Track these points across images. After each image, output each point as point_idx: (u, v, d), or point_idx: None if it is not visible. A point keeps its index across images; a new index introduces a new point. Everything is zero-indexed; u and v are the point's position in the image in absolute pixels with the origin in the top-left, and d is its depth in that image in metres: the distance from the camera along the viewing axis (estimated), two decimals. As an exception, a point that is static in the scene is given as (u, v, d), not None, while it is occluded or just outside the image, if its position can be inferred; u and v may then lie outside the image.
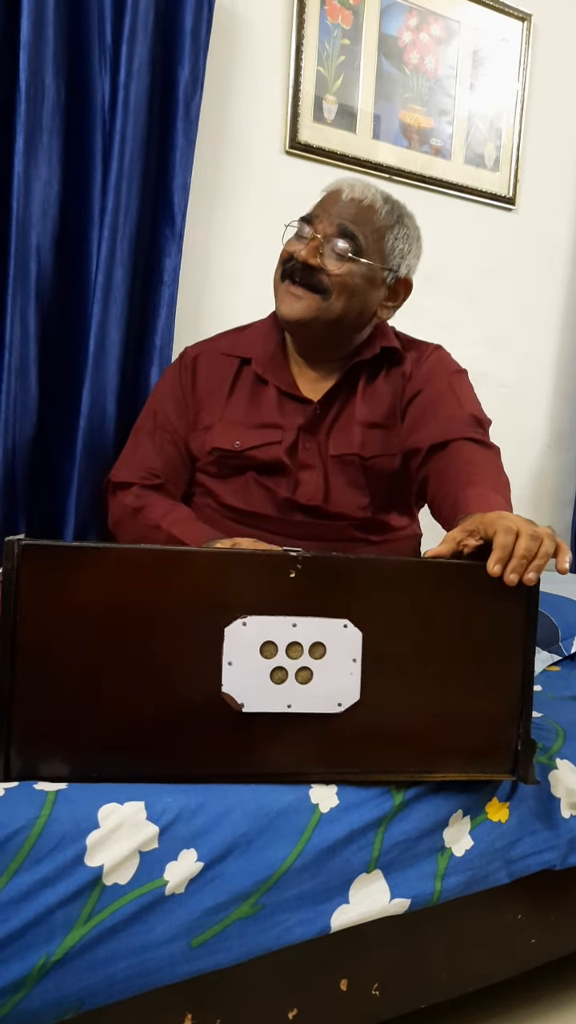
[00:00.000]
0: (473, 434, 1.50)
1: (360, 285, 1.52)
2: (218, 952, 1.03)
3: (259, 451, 1.56)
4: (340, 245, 1.49)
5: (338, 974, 1.16)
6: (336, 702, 1.07)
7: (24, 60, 1.63)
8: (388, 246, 1.55)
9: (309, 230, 1.51)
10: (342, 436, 1.58)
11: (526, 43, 2.49)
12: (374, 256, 1.52)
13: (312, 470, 1.57)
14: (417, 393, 1.58)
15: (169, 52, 1.85)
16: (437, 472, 1.47)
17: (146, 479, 1.59)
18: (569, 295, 2.72)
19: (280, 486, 1.56)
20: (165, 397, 1.66)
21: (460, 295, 2.50)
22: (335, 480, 1.57)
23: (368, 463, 1.57)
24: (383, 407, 1.59)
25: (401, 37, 2.29)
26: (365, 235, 1.51)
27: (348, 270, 1.50)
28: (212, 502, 1.60)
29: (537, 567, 1.07)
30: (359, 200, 1.52)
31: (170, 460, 1.62)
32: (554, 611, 1.84)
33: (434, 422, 1.53)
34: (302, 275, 1.50)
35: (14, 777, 1.01)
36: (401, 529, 1.65)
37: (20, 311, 1.69)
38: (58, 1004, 0.95)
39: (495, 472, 1.44)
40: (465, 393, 1.59)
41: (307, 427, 1.57)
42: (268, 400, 1.59)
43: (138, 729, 1.04)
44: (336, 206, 1.51)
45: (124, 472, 1.62)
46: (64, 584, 1.01)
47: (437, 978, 1.24)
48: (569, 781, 1.28)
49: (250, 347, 1.63)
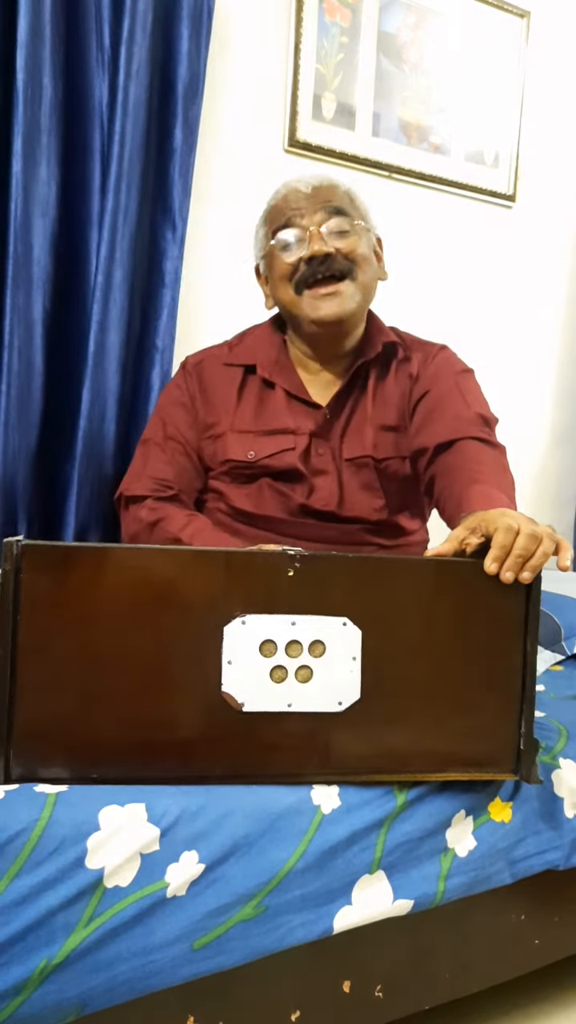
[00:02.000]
0: (479, 433, 1.49)
1: (368, 253, 1.54)
2: (220, 954, 1.02)
3: (273, 459, 1.54)
4: (337, 223, 1.50)
5: (341, 976, 1.15)
6: (336, 701, 1.07)
7: (21, 60, 1.63)
8: (361, 209, 1.56)
9: (298, 231, 1.50)
10: (355, 439, 1.57)
11: (525, 40, 2.48)
12: (360, 220, 1.54)
13: (327, 475, 1.56)
14: (424, 394, 1.57)
15: (168, 53, 1.85)
16: (443, 471, 1.47)
17: (159, 491, 1.57)
18: (569, 291, 2.71)
19: (295, 492, 1.55)
20: (173, 406, 1.63)
21: (460, 292, 2.49)
22: (349, 484, 1.56)
23: (381, 465, 1.56)
24: (394, 409, 1.58)
25: (400, 34, 2.29)
26: (346, 206, 1.52)
27: (355, 242, 1.51)
28: (224, 506, 1.59)
29: (534, 566, 1.06)
30: (318, 185, 1.53)
31: (183, 470, 1.60)
32: (557, 610, 1.84)
33: (441, 422, 1.52)
34: (325, 269, 1.48)
35: (14, 779, 1.00)
36: (412, 533, 1.65)
37: (19, 312, 1.69)
38: (59, 1007, 0.95)
39: (500, 471, 1.44)
40: (472, 392, 1.59)
41: (319, 432, 1.56)
42: (277, 404, 1.58)
43: (138, 730, 1.03)
44: (305, 199, 1.51)
45: (136, 485, 1.58)
46: (63, 585, 1.01)
47: (440, 979, 1.24)
48: (572, 781, 1.27)
49: (252, 354, 1.62)
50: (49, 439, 1.78)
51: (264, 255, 1.57)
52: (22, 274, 1.69)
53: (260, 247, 1.58)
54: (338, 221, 1.49)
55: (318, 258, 1.48)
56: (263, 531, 1.54)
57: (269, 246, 1.53)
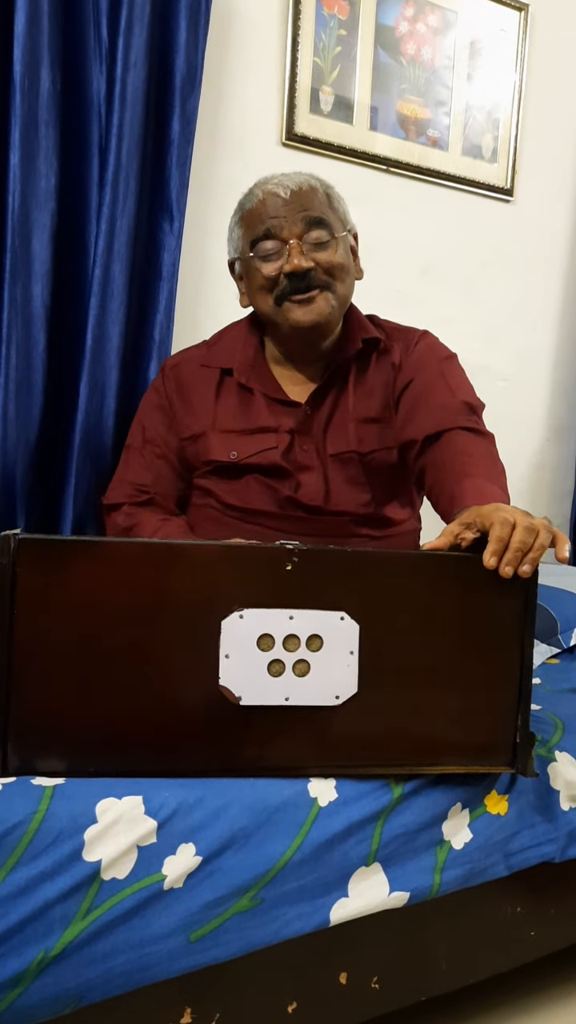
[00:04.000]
0: (466, 423, 1.49)
1: (346, 261, 1.53)
2: (217, 946, 1.03)
3: (256, 458, 1.55)
4: (317, 236, 1.49)
5: (337, 967, 1.16)
6: (334, 695, 1.07)
7: (19, 52, 1.62)
8: (340, 212, 1.56)
9: (276, 243, 1.49)
10: (339, 434, 1.57)
11: (524, 33, 2.48)
12: (339, 227, 1.53)
13: (312, 471, 1.56)
14: (409, 383, 1.57)
15: (166, 44, 1.84)
16: (433, 463, 1.47)
17: (134, 496, 1.60)
18: (567, 286, 2.71)
19: (282, 486, 1.55)
20: (151, 410, 1.66)
21: (458, 287, 2.49)
22: (335, 479, 1.56)
23: (367, 459, 1.56)
24: (376, 401, 1.58)
25: (398, 27, 2.28)
26: (326, 214, 1.51)
27: (334, 252, 1.50)
28: (214, 502, 1.59)
29: (532, 559, 1.07)
30: (296, 190, 1.51)
31: (161, 474, 1.62)
32: (553, 604, 1.84)
33: (427, 412, 1.52)
34: (305, 283, 1.48)
35: (11, 772, 1.01)
36: (402, 523, 1.65)
37: (18, 306, 1.68)
38: (56, 999, 0.95)
39: (491, 461, 1.44)
40: (456, 379, 1.58)
41: (300, 429, 1.56)
42: (257, 405, 1.58)
43: (135, 723, 1.04)
44: (284, 207, 1.49)
45: (115, 493, 1.64)
46: (61, 578, 1.01)
47: (436, 971, 1.24)
48: (568, 774, 1.28)
49: (228, 357, 1.62)
50: (48, 432, 1.77)
51: (241, 259, 1.56)
52: (20, 267, 1.68)
53: (236, 248, 1.58)
54: (317, 234, 1.49)
55: (298, 274, 1.48)
56: (253, 525, 1.55)
57: (248, 256, 1.53)
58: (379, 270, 2.25)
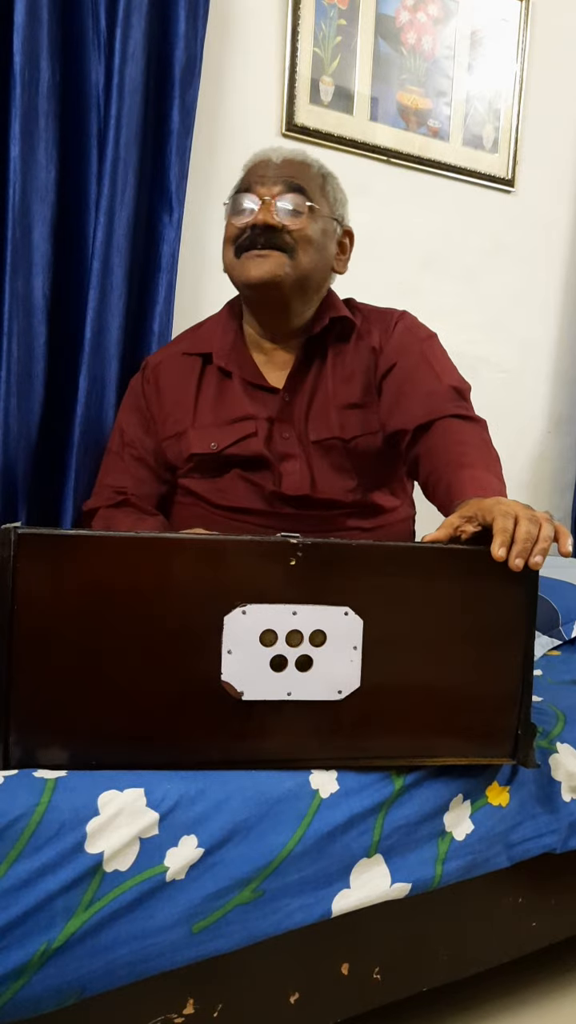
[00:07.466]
0: (456, 409, 1.48)
1: (319, 239, 1.51)
2: (219, 937, 1.03)
3: (238, 447, 1.54)
4: (292, 199, 1.48)
5: (339, 958, 1.16)
6: (336, 689, 1.07)
7: (18, 43, 1.62)
8: (331, 196, 1.55)
9: (252, 198, 1.49)
10: (320, 420, 1.56)
11: (525, 23, 2.46)
12: (323, 206, 1.52)
13: (294, 459, 1.55)
14: (391, 367, 1.56)
15: (164, 35, 1.83)
16: (426, 453, 1.45)
17: (110, 499, 1.60)
18: (569, 277, 2.70)
19: (265, 480, 1.54)
20: (129, 412, 1.66)
21: (459, 278, 2.48)
22: (319, 466, 1.55)
23: (350, 444, 1.55)
24: (357, 386, 1.57)
25: (398, 17, 2.27)
26: (310, 187, 1.50)
27: (306, 223, 1.49)
28: (199, 501, 1.59)
29: (542, 550, 1.06)
30: (290, 159, 1.52)
31: (140, 477, 1.62)
32: (554, 595, 1.84)
33: (415, 400, 1.51)
34: (264, 238, 1.47)
35: (13, 765, 1.01)
36: (393, 511, 1.64)
37: (19, 298, 1.68)
38: (59, 990, 0.96)
39: (485, 449, 1.42)
40: (440, 362, 1.57)
41: (279, 417, 1.55)
42: (235, 393, 1.57)
43: (137, 717, 1.04)
44: (272, 169, 1.50)
45: (93, 499, 1.64)
46: (61, 572, 1.01)
47: (438, 962, 1.25)
48: (569, 765, 1.28)
49: (209, 341, 1.62)
50: (48, 424, 1.77)
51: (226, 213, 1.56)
52: (21, 259, 1.68)
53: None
54: (294, 198, 1.48)
55: (259, 227, 1.47)
56: (240, 523, 1.54)
57: (225, 206, 1.53)
58: (380, 261, 2.26)
